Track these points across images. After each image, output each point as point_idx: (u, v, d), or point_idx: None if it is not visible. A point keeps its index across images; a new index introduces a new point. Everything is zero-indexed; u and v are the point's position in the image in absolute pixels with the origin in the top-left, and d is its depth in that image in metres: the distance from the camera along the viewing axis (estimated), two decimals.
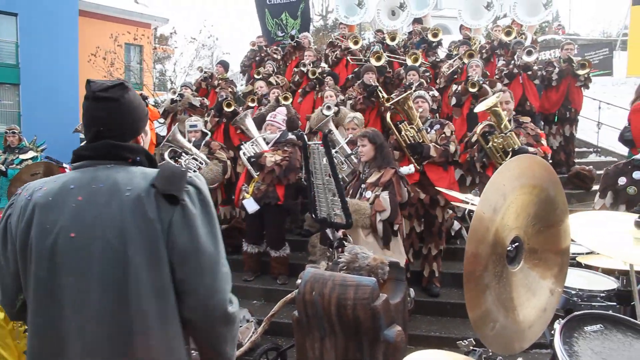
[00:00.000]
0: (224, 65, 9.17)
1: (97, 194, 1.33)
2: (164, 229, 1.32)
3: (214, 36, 15.49)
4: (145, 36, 13.96)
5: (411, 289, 4.11)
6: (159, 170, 1.39)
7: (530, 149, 4.10)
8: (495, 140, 4.23)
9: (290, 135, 5.35)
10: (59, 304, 1.31)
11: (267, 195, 4.95)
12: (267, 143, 5.15)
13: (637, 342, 1.74)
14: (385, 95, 5.91)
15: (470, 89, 5.89)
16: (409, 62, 6.95)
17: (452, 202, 4.40)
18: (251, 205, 4.92)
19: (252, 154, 4.97)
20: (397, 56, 7.85)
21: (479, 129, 4.41)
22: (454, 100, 6.20)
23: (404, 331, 2.59)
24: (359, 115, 5.27)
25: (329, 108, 5.82)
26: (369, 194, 3.73)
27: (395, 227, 3.75)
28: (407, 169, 4.28)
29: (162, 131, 8.29)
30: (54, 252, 1.31)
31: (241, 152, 5.06)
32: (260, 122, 5.57)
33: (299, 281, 2.66)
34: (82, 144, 1.56)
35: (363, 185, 3.85)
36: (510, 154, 4.15)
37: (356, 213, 3.59)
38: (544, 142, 4.25)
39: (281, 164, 4.93)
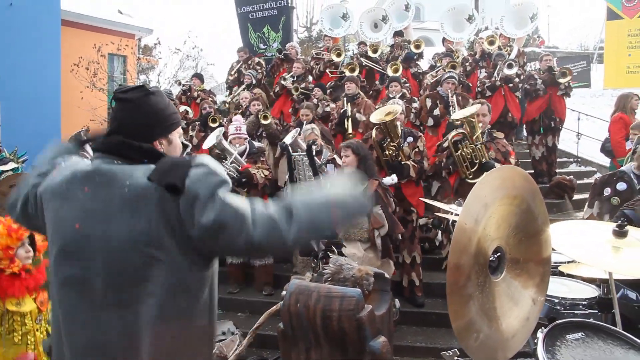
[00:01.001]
0: (200, 77, 9.24)
1: (99, 187, 1.33)
2: (174, 221, 1.27)
3: (199, 47, 15.49)
4: (129, 47, 13.84)
5: (396, 300, 4.12)
6: (158, 163, 1.34)
7: (497, 165, 4.17)
8: (465, 149, 4.31)
9: (257, 144, 5.36)
10: (69, 294, 1.32)
11: None
12: (240, 156, 5.09)
13: (617, 349, 1.76)
14: (350, 130, 5.93)
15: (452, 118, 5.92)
16: (390, 72, 7.01)
17: (435, 213, 4.45)
18: None
19: (237, 175, 4.88)
20: (379, 67, 7.95)
21: (451, 135, 4.48)
22: (431, 122, 6.19)
23: (389, 342, 2.59)
24: (314, 125, 5.33)
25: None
26: None
27: (400, 237, 3.81)
28: (390, 180, 4.32)
29: None
30: (64, 242, 1.33)
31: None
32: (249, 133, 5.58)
33: (284, 293, 2.65)
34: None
35: None
36: (477, 165, 4.24)
37: (353, 227, 3.63)
38: (512, 160, 4.33)
39: (270, 177, 4.99)
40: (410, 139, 4.63)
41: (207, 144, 5.25)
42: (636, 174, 3.48)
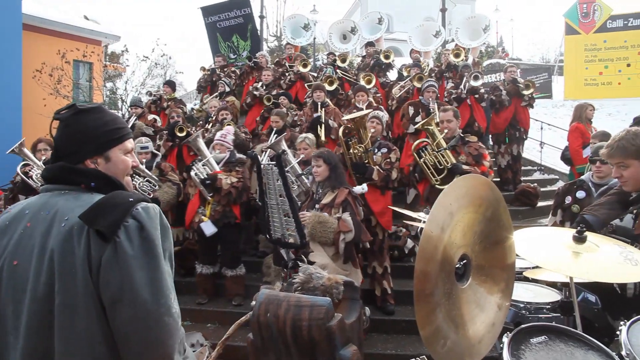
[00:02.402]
0: (171, 85, 9.13)
1: (40, 222, 1.28)
2: (94, 269, 1.21)
3: (167, 55, 15.30)
4: (96, 53, 13.54)
5: (366, 308, 4.12)
6: (98, 200, 1.28)
7: (465, 167, 4.27)
8: (427, 156, 4.39)
9: (239, 155, 5.37)
10: (4, 331, 1.27)
11: (226, 215, 4.97)
12: (218, 163, 5.12)
13: (577, 351, 1.82)
14: (323, 135, 6.01)
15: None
16: (362, 83, 7.10)
17: (404, 221, 4.49)
18: (209, 228, 4.88)
19: (205, 176, 4.91)
20: (349, 77, 8.04)
21: (414, 144, 4.55)
22: (412, 129, 6.30)
23: (359, 350, 2.59)
24: (310, 135, 5.34)
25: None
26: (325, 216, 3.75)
27: (367, 245, 3.79)
28: (360, 189, 4.35)
29: None
30: (0, 278, 1.28)
31: (192, 173, 4.93)
32: (209, 143, 5.54)
33: (253, 303, 2.62)
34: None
35: (317, 206, 3.86)
36: (446, 171, 4.32)
37: (321, 225, 3.57)
38: (486, 162, 4.41)
39: (237, 185, 4.94)
40: (384, 150, 4.69)
41: (187, 140, 5.39)
42: (594, 182, 3.62)
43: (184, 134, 6.33)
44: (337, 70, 8.11)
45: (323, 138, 5.97)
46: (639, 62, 13.92)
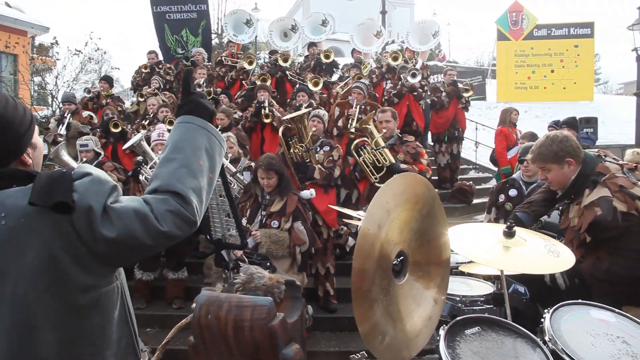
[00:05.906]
0: (108, 80, 8.75)
1: None
2: (74, 245, 1.13)
3: (102, 49, 14.58)
4: (21, 44, 12.67)
5: (309, 306, 4.15)
6: (33, 184, 1.15)
7: (403, 166, 4.39)
8: (366, 154, 4.49)
9: None
10: None
11: None
12: None
13: (507, 339, 1.92)
14: (269, 119, 6.07)
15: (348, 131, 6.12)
16: (310, 86, 7.08)
17: (344, 219, 4.56)
18: None
19: None
20: (291, 76, 8.03)
21: (353, 143, 4.63)
22: (335, 132, 6.35)
23: (302, 349, 2.59)
24: (231, 134, 5.35)
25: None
26: (275, 224, 3.78)
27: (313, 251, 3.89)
28: (309, 194, 4.35)
29: None
30: None
31: (142, 178, 4.69)
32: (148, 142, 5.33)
33: (194, 305, 2.56)
34: None
35: (264, 212, 3.84)
36: (385, 170, 4.42)
37: (276, 244, 3.70)
38: (423, 160, 4.54)
39: None
40: (326, 147, 4.72)
41: (128, 144, 5.05)
42: (524, 180, 3.84)
43: (118, 130, 6.08)
44: (287, 72, 8.06)
45: (268, 120, 6.05)
46: (561, 69, 15.00)
